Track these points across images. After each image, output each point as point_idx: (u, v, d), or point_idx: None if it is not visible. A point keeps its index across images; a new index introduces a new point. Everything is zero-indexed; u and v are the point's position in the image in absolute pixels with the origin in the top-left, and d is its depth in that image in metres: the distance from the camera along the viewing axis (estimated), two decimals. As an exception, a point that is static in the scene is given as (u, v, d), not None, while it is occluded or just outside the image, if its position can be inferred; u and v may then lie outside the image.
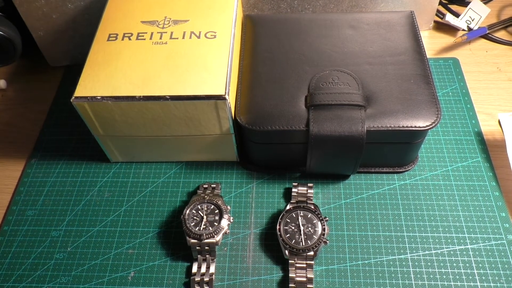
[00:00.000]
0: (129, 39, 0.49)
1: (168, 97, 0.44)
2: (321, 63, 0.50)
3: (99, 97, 0.44)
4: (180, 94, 0.44)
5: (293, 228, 0.45)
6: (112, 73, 0.46)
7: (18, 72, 0.66)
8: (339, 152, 0.46)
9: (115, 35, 0.50)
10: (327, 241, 0.45)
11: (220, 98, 0.44)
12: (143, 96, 0.44)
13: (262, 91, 0.48)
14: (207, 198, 0.47)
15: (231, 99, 0.45)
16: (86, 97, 0.45)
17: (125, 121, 0.47)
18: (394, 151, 0.48)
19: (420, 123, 0.45)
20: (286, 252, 0.44)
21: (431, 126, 0.45)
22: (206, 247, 0.45)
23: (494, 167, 0.51)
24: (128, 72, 0.46)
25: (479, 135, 0.54)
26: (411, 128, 0.44)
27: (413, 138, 0.47)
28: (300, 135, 0.46)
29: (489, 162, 0.52)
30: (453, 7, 0.69)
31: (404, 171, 0.51)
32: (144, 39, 0.49)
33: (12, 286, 0.46)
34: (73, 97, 0.45)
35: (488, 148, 0.53)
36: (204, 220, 0.46)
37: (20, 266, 0.47)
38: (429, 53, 0.64)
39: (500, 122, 0.55)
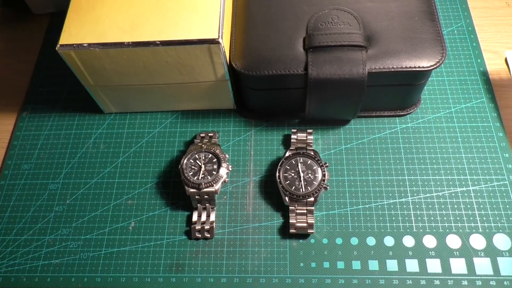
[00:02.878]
0: (114, -20, 0.46)
1: (158, 42, 0.42)
2: (319, 1, 0.47)
3: (85, 45, 0.42)
4: (171, 39, 0.42)
5: (292, 175, 0.45)
6: (97, 18, 0.44)
7: (0, 22, 0.63)
8: (339, 96, 0.44)
9: (98, -23, 0.46)
10: (328, 187, 0.44)
11: (213, 42, 0.42)
12: (132, 42, 0.42)
13: (258, 33, 0.46)
14: (205, 147, 0.46)
15: (225, 43, 0.43)
16: (72, 45, 0.42)
17: (114, 69, 0.45)
18: (396, 93, 0.47)
19: (424, 63, 0.43)
20: (286, 198, 0.44)
21: (435, 66, 0.43)
22: (206, 196, 0.44)
23: (499, 107, 0.50)
24: (115, 16, 0.44)
25: (485, 74, 0.52)
26: (414, 69, 0.42)
27: (416, 79, 0.45)
28: (298, 79, 0.44)
29: (494, 102, 0.50)
30: None
31: (406, 114, 0.50)
32: (130, -21, 0.46)
33: (14, 239, 0.46)
34: (58, 45, 0.42)
35: (493, 88, 0.51)
36: (203, 169, 0.45)
37: (20, 219, 0.47)
38: (435, -11, 0.60)
39: (507, 60, 0.53)
